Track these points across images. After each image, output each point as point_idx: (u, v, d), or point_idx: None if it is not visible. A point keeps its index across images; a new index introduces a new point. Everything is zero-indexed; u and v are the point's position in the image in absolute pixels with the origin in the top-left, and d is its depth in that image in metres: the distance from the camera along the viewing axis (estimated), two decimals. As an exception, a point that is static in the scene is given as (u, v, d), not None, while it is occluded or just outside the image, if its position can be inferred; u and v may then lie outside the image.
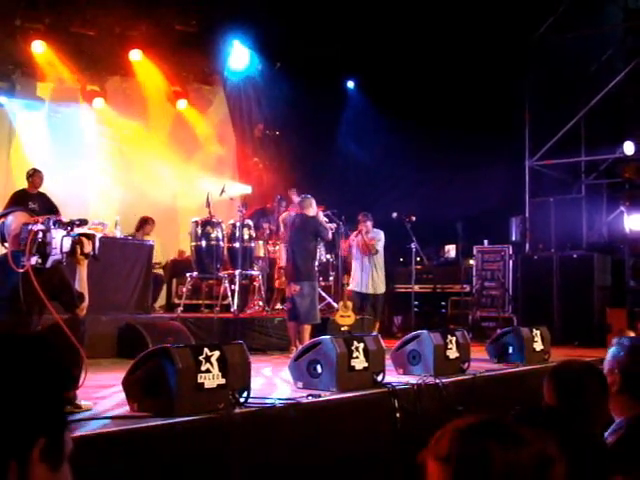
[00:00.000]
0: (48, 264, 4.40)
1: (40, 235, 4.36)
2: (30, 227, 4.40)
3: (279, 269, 10.73)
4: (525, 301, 12.04)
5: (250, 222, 10.47)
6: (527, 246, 12.89)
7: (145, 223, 10.86)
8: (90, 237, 4.61)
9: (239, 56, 14.06)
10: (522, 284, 12.21)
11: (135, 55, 13.04)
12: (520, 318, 11.66)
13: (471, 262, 12.91)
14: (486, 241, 12.86)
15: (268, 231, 11.40)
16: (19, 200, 9.28)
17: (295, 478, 4.54)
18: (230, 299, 9.78)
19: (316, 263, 9.29)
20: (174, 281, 11.63)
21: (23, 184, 10.14)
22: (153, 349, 4.55)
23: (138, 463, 3.71)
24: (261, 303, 10.61)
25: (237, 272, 9.83)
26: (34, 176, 9.96)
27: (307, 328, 8.55)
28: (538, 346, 7.80)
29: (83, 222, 4.72)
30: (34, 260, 4.33)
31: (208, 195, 10.20)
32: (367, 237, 10.60)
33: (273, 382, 6.05)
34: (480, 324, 12.34)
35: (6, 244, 4.61)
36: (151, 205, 13.04)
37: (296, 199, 10.61)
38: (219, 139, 14.86)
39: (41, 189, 10.13)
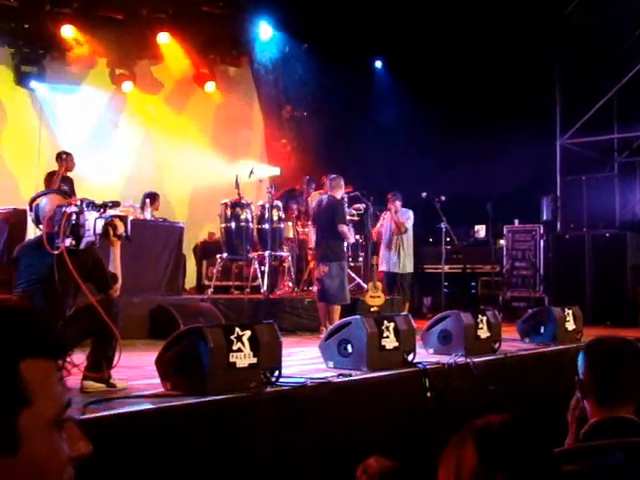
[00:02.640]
0: (82, 246, 4.45)
1: (74, 217, 4.41)
2: (64, 209, 4.45)
3: (308, 250, 10.74)
4: (556, 281, 11.95)
5: (279, 203, 10.48)
6: (558, 225, 12.76)
7: (154, 199, 10.64)
8: (122, 219, 4.65)
9: (266, 37, 14.03)
10: (553, 264, 12.11)
11: (163, 38, 13.07)
12: (551, 298, 11.58)
13: (501, 242, 12.82)
14: (517, 221, 12.76)
15: (297, 212, 11.39)
16: (53, 182, 9.38)
17: (325, 457, 4.57)
18: (260, 280, 9.82)
19: (345, 244, 9.29)
20: (204, 263, 11.70)
21: (53, 167, 10.23)
22: (185, 329, 4.59)
23: (171, 440, 3.76)
24: (291, 284, 10.64)
25: (267, 253, 9.86)
26: (67, 159, 10.03)
27: (337, 309, 8.56)
28: (570, 326, 7.73)
29: (115, 204, 4.76)
30: (68, 242, 4.38)
31: (237, 177, 10.23)
32: (397, 216, 10.58)
33: (304, 362, 6.07)
34: (510, 304, 12.27)
35: (40, 226, 4.66)
36: (180, 187, 13.13)
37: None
38: (247, 121, 14.88)
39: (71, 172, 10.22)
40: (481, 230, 13.55)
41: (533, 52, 12.12)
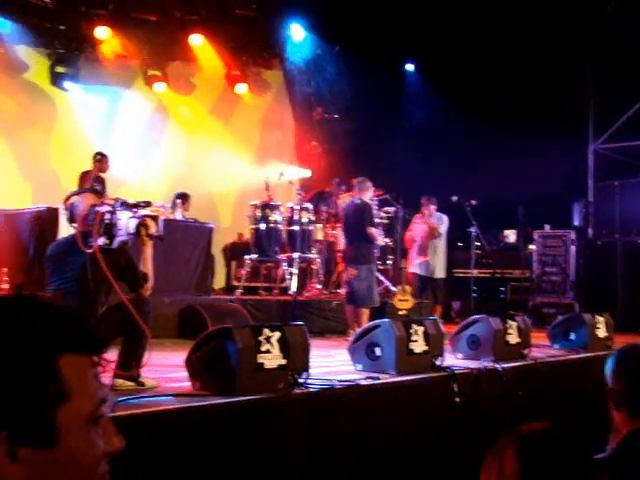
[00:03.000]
0: (114, 245, 4.49)
1: (107, 216, 4.45)
2: (97, 209, 4.49)
3: (337, 252, 10.73)
4: (587, 287, 11.81)
5: (309, 205, 10.49)
6: (590, 231, 12.62)
7: (185, 199, 10.72)
8: (154, 218, 4.68)
9: (298, 39, 14.06)
10: (584, 270, 11.97)
11: (195, 40, 13.17)
12: (582, 304, 11.45)
13: (531, 247, 12.70)
14: (547, 226, 12.63)
15: (326, 214, 11.40)
16: (87, 181, 9.48)
17: (352, 460, 4.56)
18: (288, 282, 9.83)
19: (375, 247, 9.27)
20: (233, 264, 11.75)
21: (85, 167, 10.34)
22: (215, 329, 4.60)
23: (200, 439, 3.77)
24: (319, 286, 10.64)
25: (295, 255, 9.87)
26: (102, 161, 10.12)
27: (365, 311, 8.56)
28: (601, 333, 7.63)
29: (147, 204, 4.79)
30: (101, 241, 4.42)
31: (267, 178, 10.26)
32: (430, 220, 10.53)
33: (332, 364, 6.06)
34: (540, 310, 12.14)
35: (74, 225, 4.71)
36: (210, 188, 13.20)
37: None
38: (278, 123, 14.92)
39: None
40: (511, 235, 13.44)
41: (567, 56, 12.00)
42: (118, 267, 4.52)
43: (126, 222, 4.49)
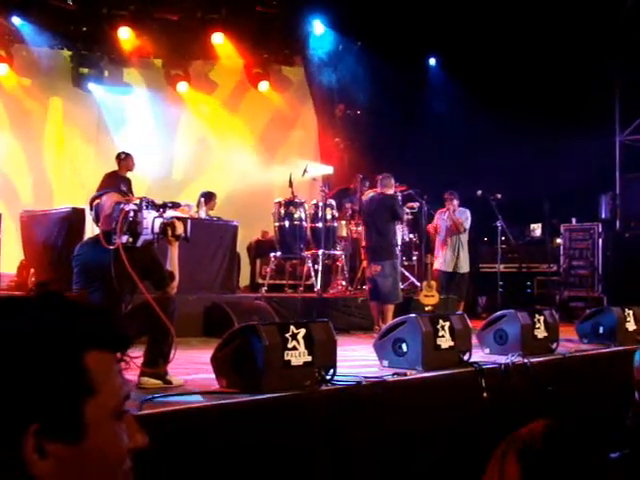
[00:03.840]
0: (139, 243, 4.50)
1: (131, 214, 4.46)
2: (122, 206, 4.51)
3: (362, 249, 10.70)
4: (616, 280, 11.67)
5: (333, 202, 10.47)
6: (618, 224, 12.47)
7: (210, 198, 10.69)
8: (182, 220, 4.71)
9: (319, 36, 14.04)
10: (612, 263, 11.84)
11: (217, 38, 13.20)
12: (610, 298, 11.32)
13: (558, 241, 12.58)
14: (574, 219, 12.50)
15: (350, 211, 11.35)
16: (112, 182, 9.52)
17: (380, 456, 4.54)
18: (313, 279, 9.82)
19: (397, 242, 9.25)
20: (258, 261, 11.76)
21: (110, 167, 10.39)
22: (241, 327, 4.60)
23: (226, 437, 3.77)
24: (344, 283, 10.62)
25: (320, 252, 9.85)
26: (126, 160, 10.17)
27: (390, 308, 8.55)
28: (631, 326, 7.54)
29: (175, 205, 4.82)
30: (125, 238, 4.43)
31: (290, 176, 10.25)
32: (455, 216, 10.47)
33: (358, 361, 6.04)
34: (568, 304, 12.03)
35: (100, 225, 4.73)
36: (234, 186, 13.22)
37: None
38: (301, 120, 14.91)
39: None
40: (537, 229, 13.31)
41: (592, 47, 11.84)
42: (143, 266, 4.53)
43: (151, 221, 4.50)
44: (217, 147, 13.89)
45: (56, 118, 12.61)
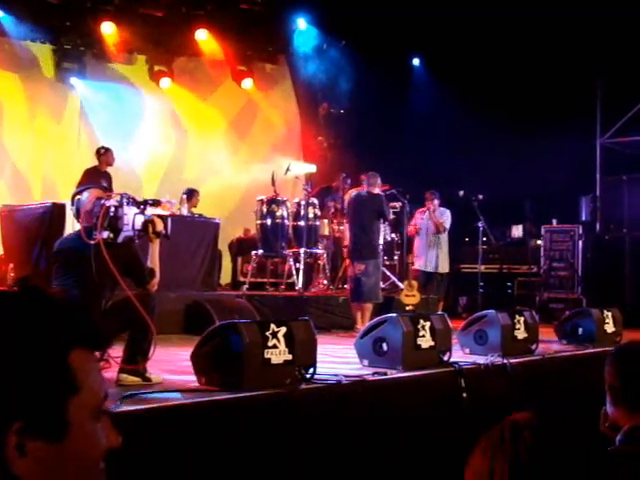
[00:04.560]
0: (119, 239, 4.48)
1: (112, 210, 4.45)
2: (103, 202, 4.49)
3: (344, 247, 10.71)
4: (595, 282, 11.76)
5: (315, 200, 10.47)
6: (598, 226, 12.56)
7: (192, 195, 10.71)
8: (162, 218, 4.70)
9: (304, 34, 14.02)
10: (592, 265, 11.92)
11: (201, 35, 13.15)
12: (590, 300, 11.40)
13: (539, 242, 12.65)
14: (555, 221, 12.58)
15: (333, 210, 11.37)
16: (92, 177, 9.46)
17: (359, 455, 4.54)
18: (295, 277, 9.81)
19: (380, 241, 9.26)
20: (239, 259, 11.73)
21: (91, 163, 10.32)
22: (221, 324, 4.60)
23: (206, 435, 3.76)
24: (326, 281, 10.62)
25: (302, 250, 9.85)
26: (106, 154, 10.12)
27: (369, 307, 8.58)
28: (609, 328, 7.60)
29: (156, 202, 4.80)
30: (105, 234, 4.41)
31: (273, 174, 10.23)
32: (435, 216, 10.51)
33: (338, 359, 6.05)
34: (548, 305, 12.10)
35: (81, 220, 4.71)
36: (216, 183, 13.18)
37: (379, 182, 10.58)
38: (284, 118, 14.89)
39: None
40: (518, 230, 13.39)
41: (573, 49, 11.92)
42: (124, 262, 4.52)
43: (132, 218, 4.49)
44: (199, 144, 13.83)
45: (38, 112, 12.48)
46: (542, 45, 12.14)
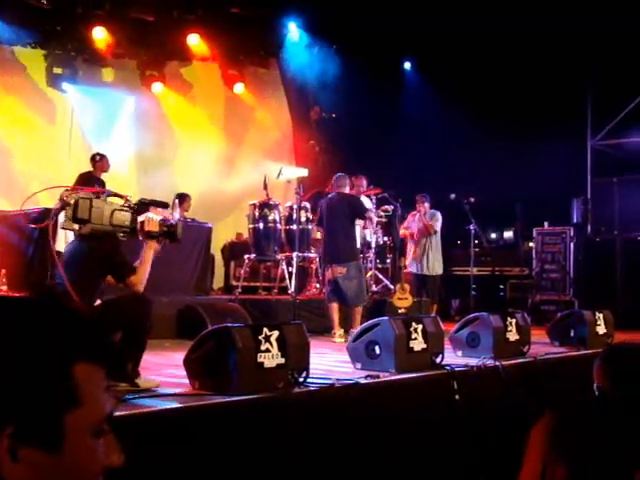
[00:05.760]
0: (83, 230, 4.47)
1: (72, 198, 4.43)
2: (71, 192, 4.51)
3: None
4: (587, 284, 11.80)
5: (307, 205, 10.46)
6: (589, 228, 12.61)
7: (183, 200, 10.70)
8: (169, 222, 4.69)
9: (295, 38, 14.05)
10: (584, 267, 11.97)
11: (192, 39, 13.16)
12: (581, 302, 11.44)
13: (530, 244, 12.71)
14: (546, 223, 12.63)
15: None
16: (86, 182, 9.44)
17: (353, 458, 4.55)
18: (287, 281, 9.82)
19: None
20: (232, 263, 11.74)
21: (83, 169, 10.31)
22: (214, 328, 4.59)
23: (199, 439, 3.76)
24: (318, 285, 10.62)
25: (294, 254, 9.83)
26: (101, 161, 10.10)
27: (359, 310, 8.42)
28: (601, 330, 7.62)
29: (154, 203, 4.79)
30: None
31: (265, 178, 10.24)
32: (425, 218, 10.53)
33: (331, 363, 6.05)
34: (540, 307, 12.15)
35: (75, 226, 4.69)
36: (209, 188, 13.19)
37: (364, 184, 10.57)
38: (276, 122, 14.91)
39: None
40: (510, 232, 13.44)
41: (564, 52, 11.97)
42: (102, 256, 4.50)
43: (109, 212, 4.46)
44: (191, 148, 13.83)
45: (29, 117, 12.48)
46: (533, 48, 12.20)
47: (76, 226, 4.47)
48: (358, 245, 9.93)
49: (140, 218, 4.57)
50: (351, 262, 8.48)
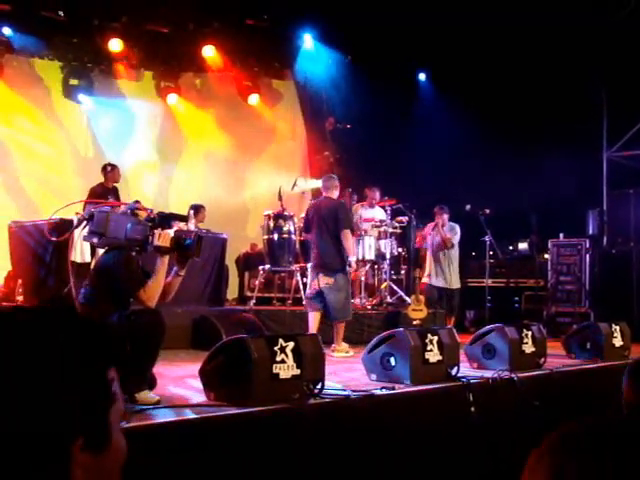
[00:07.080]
0: (98, 243, 4.51)
1: (97, 214, 4.47)
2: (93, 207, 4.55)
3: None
4: (603, 296, 11.71)
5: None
6: (605, 240, 12.53)
7: (198, 211, 10.67)
8: (188, 236, 4.70)
9: (310, 50, 14.10)
10: (599, 279, 11.88)
11: (208, 51, 13.25)
12: (597, 314, 11.35)
13: (546, 256, 12.63)
14: (562, 234, 12.56)
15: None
16: (99, 195, 9.47)
17: (368, 469, 4.53)
18: (302, 292, 9.80)
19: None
20: (246, 274, 11.74)
21: (99, 179, 10.36)
22: (229, 339, 4.59)
23: (214, 450, 3.76)
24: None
25: (309, 265, 9.84)
26: (113, 172, 10.13)
27: (342, 326, 8.07)
28: (618, 342, 7.56)
29: (175, 217, 4.81)
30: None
31: (280, 189, 10.25)
32: (443, 231, 10.39)
33: (346, 374, 6.04)
34: (555, 319, 12.06)
35: (94, 239, 4.73)
36: (223, 198, 13.22)
37: (377, 197, 10.51)
38: (290, 133, 14.95)
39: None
40: (525, 244, 13.37)
41: (579, 63, 11.94)
42: (107, 267, 4.53)
43: (126, 226, 4.48)
44: (206, 159, 13.89)
45: (45, 128, 12.58)
46: (548, 59, 12.17)
47: (95, 239, 4.49)
48: (372, 256, 9.91)
49: (138, 227, 4.58)
50: (339, 272, 8.01)
